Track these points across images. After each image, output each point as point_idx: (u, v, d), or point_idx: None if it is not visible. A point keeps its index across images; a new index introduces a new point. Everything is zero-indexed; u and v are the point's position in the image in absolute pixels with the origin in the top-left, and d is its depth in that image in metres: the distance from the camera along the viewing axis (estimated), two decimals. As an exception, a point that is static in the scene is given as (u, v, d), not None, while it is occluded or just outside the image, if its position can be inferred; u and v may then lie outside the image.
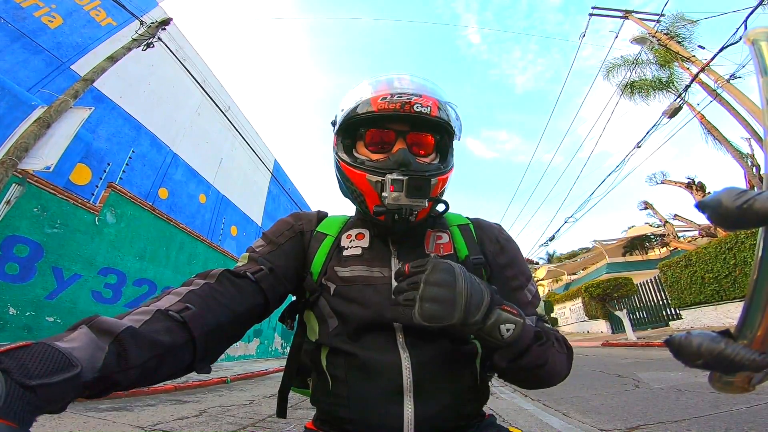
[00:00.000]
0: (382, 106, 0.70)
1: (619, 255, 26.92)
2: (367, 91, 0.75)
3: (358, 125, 0.76)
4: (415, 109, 0.70)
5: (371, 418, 0.64)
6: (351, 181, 0.74)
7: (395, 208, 0.68)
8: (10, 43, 6.73)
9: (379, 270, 0.74)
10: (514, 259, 0.80)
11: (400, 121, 0.74)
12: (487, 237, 0.82)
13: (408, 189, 0.65)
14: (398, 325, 0.68)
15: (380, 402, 0.64)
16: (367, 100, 0.73)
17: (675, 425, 2.39)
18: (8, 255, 4.70)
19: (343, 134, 0.79)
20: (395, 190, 0.66)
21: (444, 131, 0.78)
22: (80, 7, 8.04)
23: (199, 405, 4.07)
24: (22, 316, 4.76)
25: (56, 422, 2.90)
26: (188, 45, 10.45)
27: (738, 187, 0.31)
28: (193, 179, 10.39)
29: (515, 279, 0.77)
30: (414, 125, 0.74)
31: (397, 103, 0.70)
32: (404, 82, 0.77)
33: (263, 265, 0.72)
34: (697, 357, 0.32)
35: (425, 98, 0.72)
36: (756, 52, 0.39)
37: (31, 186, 4.81)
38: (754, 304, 0.33)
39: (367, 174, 0.71)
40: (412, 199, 0.66)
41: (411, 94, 0.71)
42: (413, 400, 0.63)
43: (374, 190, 0.70)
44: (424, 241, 0.80)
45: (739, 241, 9.25)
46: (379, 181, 0.69)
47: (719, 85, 9.82)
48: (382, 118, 0.73)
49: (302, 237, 0.82)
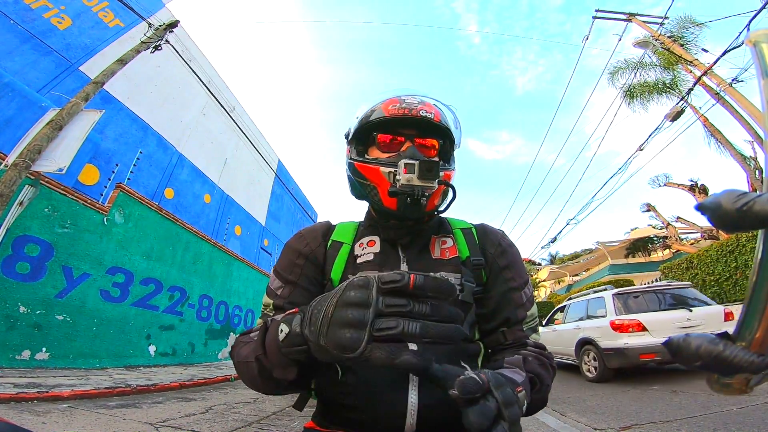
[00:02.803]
0: (392, 112, 0.80)
1: (621, 257, 26.89)
2: (377, 102, 0.85)
3: (371, 130, 0.83)
4: (421, 114, 0.79)
5: (377, 404, 0.68)
6: (364, 176, 0.80)
7: (408, 190, 0.72)
8: (20, 45, 6.83)
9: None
10: (513, 262, 0.85)
11: (408, 125, 0.81)
12: (489, 240, 0.87)
13: (420, 170, 0.71)
14: None
15: (386, 389, 0.68)
16: (378, 108, 0.82)
17: (666, 425, 2.47)
18: (19, 254, 4.80)
19: (356, 141, 0.86)
20: (408, 172, 0.72)
21: (446, 137, 0.85)
22: (89, 8, 8.14)
23: (205, 402, 4.16)
24: (33, 314, 4.86)
25: (68, 419, 2.97)
26: (194, 46, 10.54)
27: (738, 190, 0.31)
28: (199, 179, 10.49)
29: (513, 280, 0.82)
30: (420, 130, 0.82)
31: (405, 109, 0.79)
32: (411, 97, 0.85)
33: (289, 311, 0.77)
34: (695, 358, 0.31)
35: (429, 106, 0.82)
36: (757, 54, 0.39)
37: (42, 187, 4.91)
38: (752, 307, 0.33)
39: (381, 167, 0.77)
40: (424, 180, 0.72)
41: (417, 103, 0.81)
42: (418, 389, 0.68)
43: (387, 180, 0.76)
44: (430, 247, 0.84)
45: (740, 244, 9.25)
46: (392, 171, 0.75)
47: (722, 89, 9.82)
48: (392, 122, 0.81)
49: (314, 256, 0.85)
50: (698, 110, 11.63)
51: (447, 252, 0.84)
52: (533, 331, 0.80)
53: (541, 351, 0.74)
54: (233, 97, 12.54)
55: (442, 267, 0.81)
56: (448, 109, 0.88)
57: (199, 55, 10.67)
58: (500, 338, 0.78)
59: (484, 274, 0.82)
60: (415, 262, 0.81)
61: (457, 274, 0.79)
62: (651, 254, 26.59)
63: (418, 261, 0.81)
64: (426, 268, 0.79)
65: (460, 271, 0.80)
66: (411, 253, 0.83)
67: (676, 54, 11.00)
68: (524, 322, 0.79)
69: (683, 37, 11.30)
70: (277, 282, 0.83)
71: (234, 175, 12.31)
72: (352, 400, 0.70)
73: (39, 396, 3.36)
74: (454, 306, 0.70)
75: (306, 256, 0.84)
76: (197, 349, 8.15)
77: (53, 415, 2.99)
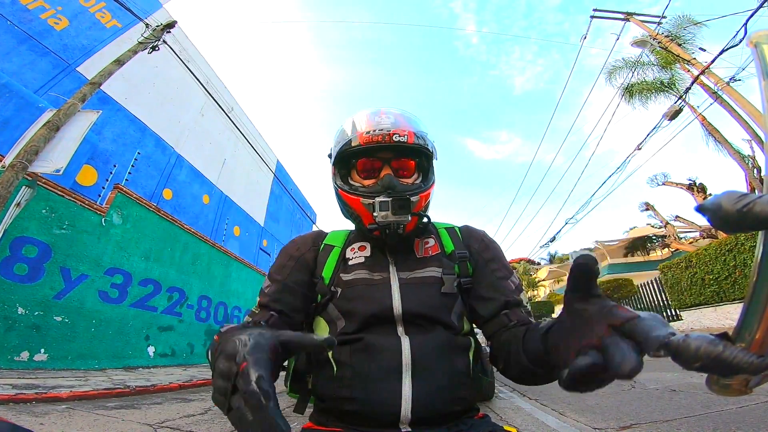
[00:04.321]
0: (367, 140, 0.84)
1: (620, 256, 26.93)
2: (353, 129, 0.88)
3: (350, 157, 0.89)
4: (395, 140, 0.83)
5: (372, 395, 0.70)
6: (348, 205, 0.87)
7: (385, 224, 0.80)
8: (17, 45, 6.82)
9: (379, 274, 0.84)
10: (497, 256, 0.90)
11: (383, 150, 0.86)
12: (473, 237, 0.94)
13: (393, 208, 0.79)
14: (398, 315, 0.77)
15: (381, 379, 0.71)
16: (354, 136, 0.86)
17: (666, 425, 2.47)
18: (17, 256, 4.79)
19: (339, 165, 0.92)
20: (383, 209, 0.79)
21: (422, 154, 0.90)
22: (86, 9, 8.14)
23: (203, 403, 4.14)
24: (31, 315, 4.84)
25: (66, 420, 2.96)
26: (192, 46, 10.54)
27: (738, 191, 0.31)
28: (197, 180, 10.49)
29: (499, 271, 0.87)
30: (396, 152, 0.87)
31: (379, 136, 0.83)
32: (384, 117, 0.89)
33: (273, 309, 0.82)
34: (695, 359, 0.31)
35: (401, 130, 0.85)
36: (758, 54, 0.39)
37: (40, 188, 4.89)
38: (752, 307, 0.33)
39: (361, 198, 0.83)
40: (398, 216, 0.79)
41: (390, 125, 0.85)
42: (411, 379, 0.70)
43: (367, 210, 0.82)
44: (414, 248, 0.90)
45: (739, 243, 9.28)
46: (370, 203, 0.82)
47: (719, 88, 9.84)
48: (368, 150, 0.86)
49: (303, 259, 0.90)
50: (696, 109, 11.67)
51: (429, 250, 0.90)
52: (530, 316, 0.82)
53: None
54: (232, 97, 12.54)
55: (426, 263, 0.86)
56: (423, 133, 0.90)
57: (197, 55, 10.66)
58: (504, 320, 0.79)
59: (469, 266, 0.88)
60: (402, 263, 0.87)
61: (439, 268, 0.85)
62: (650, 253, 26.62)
63: (404, 262, 0.87)
64: (411, 267, 0.86)
65: (442, 265, 0.85)
66: (398, 256, 0.88)
67: (673, 53, 11.02)
68: (522, 305, 0.82)
69: (681, 36, 11.33)
70: (267, 281, 0.89)
71: (233, 175, 12.31)
72: (348, 392, 0.72)
73: (37, 397, 3.35)
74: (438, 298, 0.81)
75: (296, 259, 0.90)
76: (196, 349, 8.13)
77: (52, 416, 2.98)
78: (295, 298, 0.85)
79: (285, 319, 0.81)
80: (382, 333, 0.76)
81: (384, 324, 0.77)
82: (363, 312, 0.78)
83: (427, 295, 0.81)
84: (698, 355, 0.31)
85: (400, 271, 0.85)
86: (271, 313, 0.81)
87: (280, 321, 0.80)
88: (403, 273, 0.84)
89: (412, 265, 0.86)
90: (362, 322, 0.77)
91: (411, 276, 0.84)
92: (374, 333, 0.76)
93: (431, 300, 0.80)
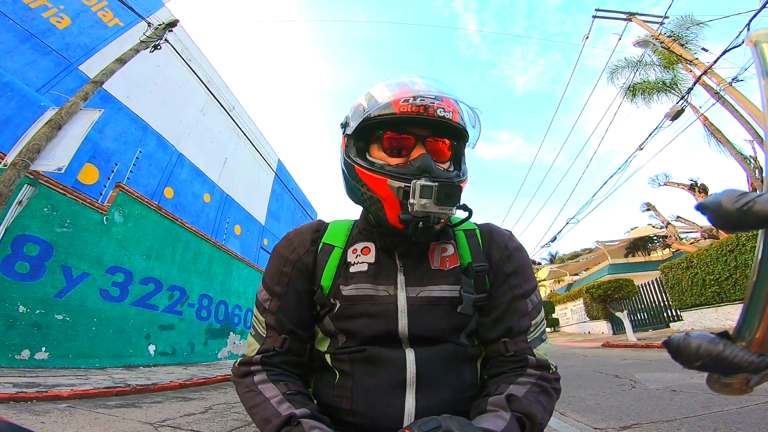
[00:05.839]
0: (404, 109, 0.68)
1: (621, 256, 26.90)
2: (385, 93, 0.72)
3: (376, 127, 0.73)
4: (438, 114, 0.69)
5: (373, 409, 0.66)
6: (368, 187, 0.70)
7: (422, 216, 0.65)
8: (19, 44, 6.82)
9: (385, 289, 0.73)
10: (520, 268, 0.78)
11: (420, 125, 0.71)
12: (495, 243, 0.80)
13: (438, 196, 0.63)
14: (404, 335, 0.70)
15: (383, 394, 0.66)
16: (387, 102, 0.70)
17: (666, 425, 2.46)
18: (19, 254, 4.80)
19: (356, 137, 0.75)
20: (424, 197, 0.63)
21: (461, 138, 0.76)
22: (88, 7, 8.13)
23: (204, 402, 4.15)
24: (32, 313, 4.86)
25: (67, 418, 2.96)
26: (193, 45, 10.54)
27: (738, 189, 0.31)
28: (198, 179, 10.49)
29: (519, 287, 0.75)
30: (434, 130, 0.72)
31: (420, 106, 0.68)
32: (424, 85, 0.73)
33: (282, 332, 0.75)
34: (695, 358, 0.31)
35: (447, 102, 0.71)
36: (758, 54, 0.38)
37: (41, 186, 4.90)
38: (753, 306, 0.33)
39: (389, 179, 0.67)
40: (442, 206, 0.63)
41: (434, 98, 0.69)
42: (415, 394, 0.66)
43: (396, 196, 0.67)
44: (429, 255, 0.77)
45: (740, 244, 9.26)
46: (401, 187, 0.66)
47: (721, 88, 9.82)
48: (402, 122, 0.70)
49: (302, 263, 0.79)
50: (698, 109, 11.65)
51: (447, 261, 0.76)
52: (540, 340, 0.73)
53: (542, 374, 0.68)
54: (233, 96, 12.54)
55: (441, 278, 0.74)
56: (467, 106, 0.75)
57: (199, 54, 10.67)
58: (501, 349, 0.71)
59: (487, 280, 0.76)
60: (412, 273, 0.74)
61: (457, 286, 0.73)
62: (651, 254, 26.61)
63: (415, 271, 0.75)
64: (424, 281, 0.74)
65: (460, 282, 0.73)
66: (408, 262, 0.76)
67: (676, 53, 11.00)
68: (528, 332, 0.72)
69: (683, 36, 11.31)
70: (265, 293, 0.78)
71: (234, 174, 12.32)
72: (349, 404, 0.68)
73: (38, 396, 3.36)
74: (450, 321, 0.71)
75: (293, 264, 0.78)
76: (197, 348, 8.14)
77: (52, 415, 2.98)
78: (302, 312, 0.76)
79: (295, 339, 0.75)
80: (386, 346, 0.70)
81: (389, 340, 0.71)
82: (364, 332, 0.71)
83: (438, 317, 0.71)
84: (699, 354, 0.31)
85: (409, 285, 0.73)
86: (283, 337, 0.73)
87: (293, 343, 0.74)
88: (413, 288, 0.73)
89: (424, 279, 0.74)
90: (364, 341, 0.71)
91: (422, 294, 0.72)
92: (377, 345, 0.70)
93: (442, 323, 0.70)
